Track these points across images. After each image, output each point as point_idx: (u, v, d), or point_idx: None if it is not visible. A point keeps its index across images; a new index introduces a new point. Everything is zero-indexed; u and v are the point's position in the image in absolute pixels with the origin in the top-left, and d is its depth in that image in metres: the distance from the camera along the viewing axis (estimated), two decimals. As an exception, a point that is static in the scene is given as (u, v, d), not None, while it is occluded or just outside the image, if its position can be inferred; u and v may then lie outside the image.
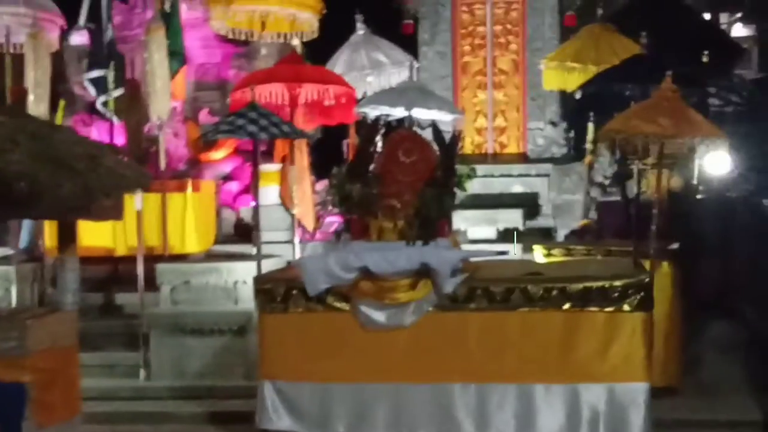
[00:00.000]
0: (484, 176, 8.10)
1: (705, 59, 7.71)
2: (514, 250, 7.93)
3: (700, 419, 5.41)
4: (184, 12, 8.65)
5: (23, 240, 8.02)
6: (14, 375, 4.77)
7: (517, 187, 9.29)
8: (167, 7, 7.50)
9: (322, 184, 8.45)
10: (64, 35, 8.66)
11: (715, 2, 15.01)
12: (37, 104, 7.26)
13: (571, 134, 9.49)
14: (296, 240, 7.95)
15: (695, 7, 12.67)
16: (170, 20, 7.46)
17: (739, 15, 16.09)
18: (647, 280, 4.87)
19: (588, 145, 8.29)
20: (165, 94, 7.47)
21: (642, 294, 4.80)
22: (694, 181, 6.67)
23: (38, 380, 4.88)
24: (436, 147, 5.58)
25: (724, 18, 16.04)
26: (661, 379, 5.42)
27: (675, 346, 5.98)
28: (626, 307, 4.78)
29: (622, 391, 4.77)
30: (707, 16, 14.21)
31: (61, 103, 8.59)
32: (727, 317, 7.54)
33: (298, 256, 7.36)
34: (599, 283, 4.85)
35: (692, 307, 6.51)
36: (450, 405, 4.96)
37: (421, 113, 6.45)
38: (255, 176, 6.82)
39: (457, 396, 4.93)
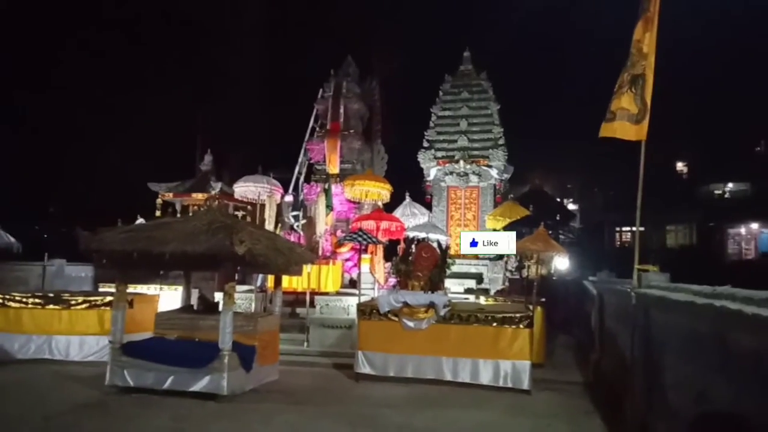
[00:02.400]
0: (459, 264, 15.07)
1: (558, 218, 18.25)
2: (471, 298, 12.49)
3: (553, 379, 9.40)
4: (334, 188, 15.08)
5: (258, 282, 13.19)
6: (250, 341, 8.62)
7: (473, 270, 15.63)
8: (326, 186, 13.90)
9: (388, 265, 13.58)
10: (283, 196, 15.27)
11: (561, 194, 52.16)
12: (268, 225, 13.40)
13: (498, 248, 17.66)
14: (376, 288, 12.95)
15: (552, 195, 47.26)
16: (327, 192, 13.83)
17: (571, 200, 52.06)
18: (531, 313, 9.05)
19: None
20: (322, 224, 13.52)
21: (528, 320, 8.88)
22: (552, 271, 11.89)
23: (261, 344, 8.71)
24: (438, 251, 10.50)
25: (565, 201, 50.17)
26: (536, 359, 9.40)
27: (542, 345, 10.10)
28: (521, 326, 8.82)
29: (519, 365, 8.72)
30: (558, 199, 46.85)
31: (279, 226, 14.57)
32: (566, 333, 12.75)
33: (376, 295, 11.88)
34: (509, 314, 8.98)
35: (550, 328, 10.85)
36: (440, 366, 9.04)
37: (432, 236, 11.80)
38: (360, 259, 11.90)
39: (443, 362, 9.03)
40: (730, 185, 43.65)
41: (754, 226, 38.41)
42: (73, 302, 10.84)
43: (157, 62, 35.43)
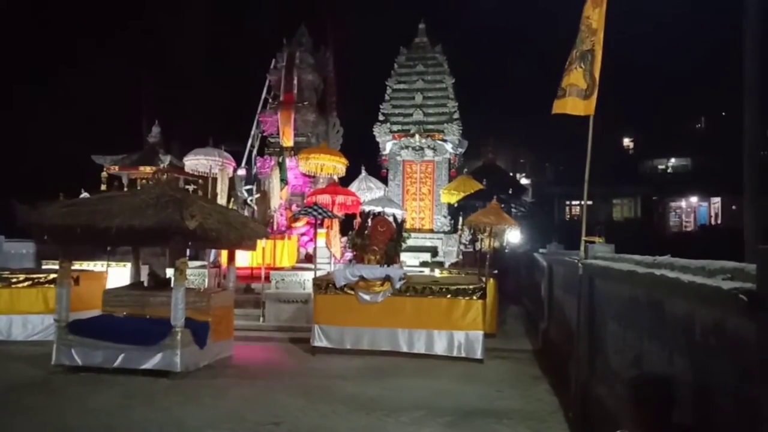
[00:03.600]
0: (414, 237, 15.48)
1: (510, 192, 18.99)
2: (426, 271, 12.88)
3: (504, 348, 9.78)
4: (288, 162, 14.79)
5: (211, 257, 12.94)
6: (204, 317, 8.57)
7: (428, 243, 16.01)
8: (280, 160, 13.59)
9: (344, 239, 13.65)
10: (235, 170, 14.92)
11: (514, 168, 52.51)
12: (221, 200, 13.05)
13: (452, 221, 17.17)
14: (332, 263, 12.82)
15: (505, 170, 43.99)
16: (282, 165, 13.58)
17: (523, 174, 53.64)
18: (484, 285, 9.27)
19: (459, 226, 15.03)
20: (277, 198, 13.33)
21: (481, 292, 9.10)
22: (504, 244, 12.24)
23: (214, 320, 8.70)
24: (394, 225, 10.55)
25: (518, 175, 52.34)
26: (489, 329, 9.73)
27: (494, 316, 10.45)
28: (474, 298, 9.03)
29: (472, 335, 8.96)
30: (511, 174, 46.36)
31: (231, 200, 14.29)
32: (517, 304, 13.26)
33: (332, 269, 11.72)
34: (463, 286, 9.19)
35: (502, 298, 11.22)
36: (396, 337, 9.20)
37: (388, 210, 11.89)
38: (315, 234, 11.63)
39: (399, 334, 9.19)
40: (673, 160, 45.66)
41: (694, 199, 40.38)
42: (14, 280, 10.40)
43: (100, 28, 33.61)
